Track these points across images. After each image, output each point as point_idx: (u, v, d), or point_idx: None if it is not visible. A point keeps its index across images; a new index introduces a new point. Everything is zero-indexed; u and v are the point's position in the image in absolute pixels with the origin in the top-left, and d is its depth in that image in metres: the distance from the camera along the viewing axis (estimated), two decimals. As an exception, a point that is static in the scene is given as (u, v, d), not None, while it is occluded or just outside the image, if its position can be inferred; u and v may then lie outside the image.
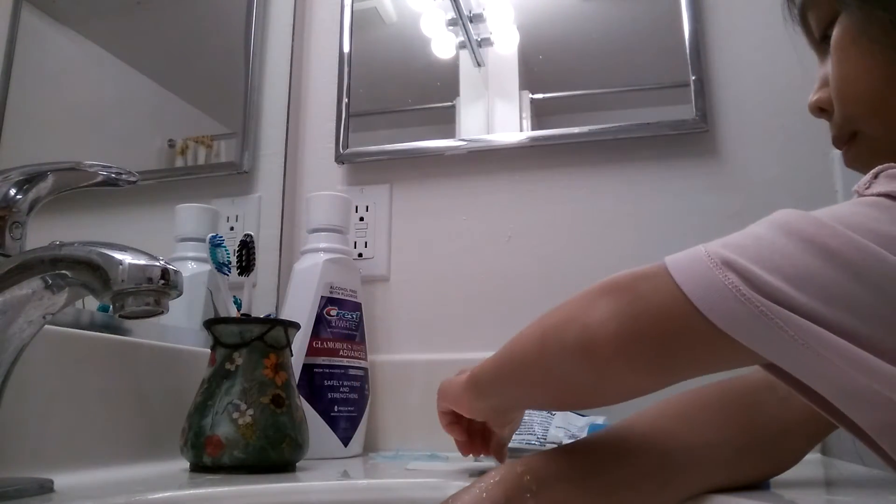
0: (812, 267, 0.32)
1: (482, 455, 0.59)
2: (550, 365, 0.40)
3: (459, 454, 0.58)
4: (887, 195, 0.33)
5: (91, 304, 0.64)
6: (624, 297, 0.36)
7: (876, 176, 0.35)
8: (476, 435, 0.57)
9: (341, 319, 0.84)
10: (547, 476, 0.41)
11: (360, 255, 1.00)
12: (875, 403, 0.31)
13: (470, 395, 0.49)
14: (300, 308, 0.82)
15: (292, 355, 0.70)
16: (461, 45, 1.04)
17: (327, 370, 0.81)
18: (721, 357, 0.35)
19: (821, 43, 0.47)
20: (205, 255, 0.77)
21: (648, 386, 0.39)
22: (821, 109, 0.48)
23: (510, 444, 0.59)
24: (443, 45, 1.05)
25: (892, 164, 0.35)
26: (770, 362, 0.34)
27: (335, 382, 0.81)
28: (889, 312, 0.31)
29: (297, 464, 0.66)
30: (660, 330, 0.35)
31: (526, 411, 0.82)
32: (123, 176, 0.53)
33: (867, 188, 0.35)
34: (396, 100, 1.10)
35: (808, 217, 0.33)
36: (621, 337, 0.36)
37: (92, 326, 0.64)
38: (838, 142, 0.48)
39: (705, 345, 0.34)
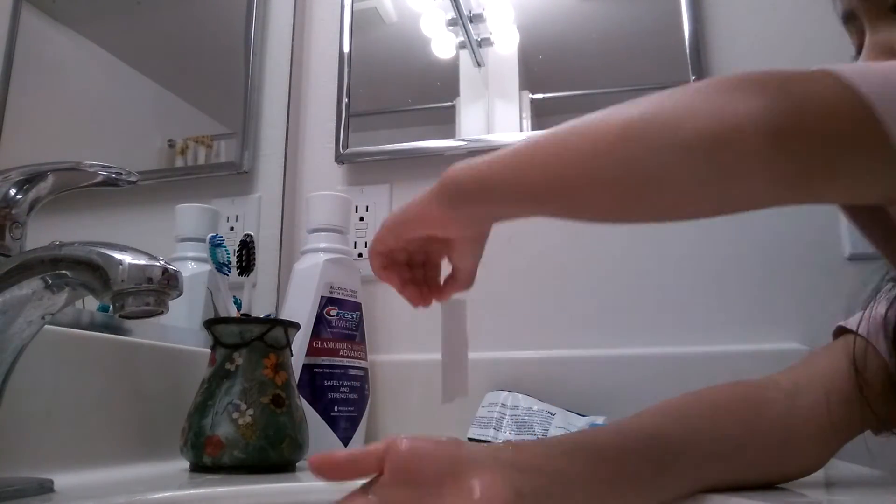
0: None
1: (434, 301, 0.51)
2: (638, 162, 0.34)
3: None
4: None
5: (91, 304, 0.65)
6: (775, 94, 0.32)
7: None
8: (419, 282, 0.51)
9: (341, 319, 0.84)
10: (533, 460, 0.38)
11: (360, 255, 1.00)
12: None
13: (449, 204, 0.42)
14: (300, 308, 0.82)
15: (292, 355, 0.70)
16: (461, 45, 1.04)
17: (327, 370, 0.81)
18: (875, 177, 0.32)
19: (891, 11, 0.46)
20: (205, 255, 0.77)
21: (771, 196, 0.34)
22: None
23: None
24: (443, 45, 1.05)
25: None
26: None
27: (335, 382, 0.81)
28: None
29: (297, 464, 0.66)
30: (823, 128, 0.31)
31: (525, 410, 0.81)
32: (123, 176, 0.53)
33: None
34: (396, 100, 1.10)
35: None
36: (775, 130, 0.31)
37: (92, 326, 0.64)
38: None
39: (867, 153, 0.31)
